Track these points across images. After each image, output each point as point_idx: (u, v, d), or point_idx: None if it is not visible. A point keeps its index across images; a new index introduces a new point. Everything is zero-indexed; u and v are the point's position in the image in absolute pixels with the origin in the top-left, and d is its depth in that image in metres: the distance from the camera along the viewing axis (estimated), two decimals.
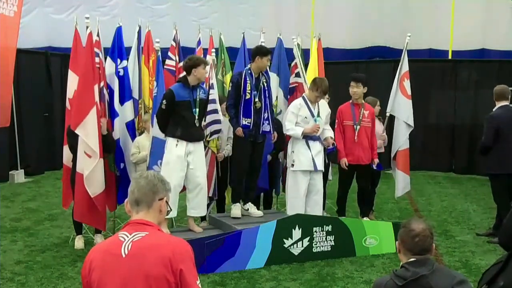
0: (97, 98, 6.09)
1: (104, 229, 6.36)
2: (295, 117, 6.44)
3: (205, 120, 6.50)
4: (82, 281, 2.31)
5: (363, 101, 6.98)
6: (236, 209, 6.45)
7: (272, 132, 6.47)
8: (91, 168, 5.96)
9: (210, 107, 6.46)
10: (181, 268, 2.18)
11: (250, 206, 6.57)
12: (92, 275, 2.23)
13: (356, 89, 6.87)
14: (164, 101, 5.82)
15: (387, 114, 7.45)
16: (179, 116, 5.84)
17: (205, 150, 6.51)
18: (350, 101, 6.97)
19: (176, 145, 5.85)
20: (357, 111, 6.89)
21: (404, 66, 7.44)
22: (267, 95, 6.37)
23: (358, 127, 6.87)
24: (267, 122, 6.37)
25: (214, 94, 6.58)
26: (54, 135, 11.04)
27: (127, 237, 2.24)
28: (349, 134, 6.88)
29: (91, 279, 2.23)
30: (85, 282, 2.28)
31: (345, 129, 6.91)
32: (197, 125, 5.93)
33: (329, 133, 6.65)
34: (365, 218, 7.01)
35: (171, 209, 2.46)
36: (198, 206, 6.10)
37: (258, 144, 6.40)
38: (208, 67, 7.37)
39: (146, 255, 2.18)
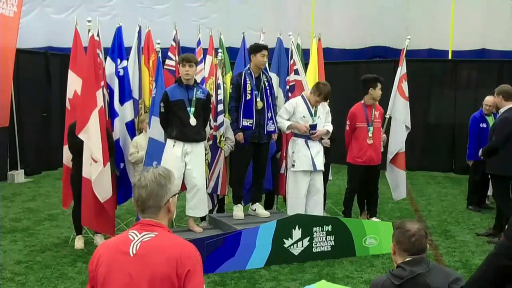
0: (100, 103, 6.08)
1: (113, 234, 6.21)
2: (288, 114, 6.47)
3: (216, 121, 6.52)
4: (89, 274, 2.33)
5: (374, 102, 7.04)
6: (238, 211, 6.45)
7: (276, 130, 6.46)
8: (97, 173, 5.94)
9: (218, 107, 6.52)
10: (187, 272, 2.17)
11: (258, 207, 6.57)
12: (99, 270, 2.25)
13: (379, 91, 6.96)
14: (162, 104, 5.90)
15: (387, 116, 7.46)
16: (174, 116, 5.86)
17: (218, 151, 6.57)
18: (362, 102, 7.00)
19: (173, 145, 5.88)
20: (369, 112, 6.94)
21: (403, 68, 7.47)
22: (268, 95, 6.36)
23: (371, 128, 6.92)
24: (271, 121, 6.37)
25: (221, 94, 6.60)
26: (53, 135, 11.03)
27: (137, 236, 2.25)
28: (362, 135, 6.92)
29: (97, 274, 2.25)
30: (91, 276, 2.30)
31: (358, 131, 6.94)
32: (193, 124, 5.88)
33: (326, 126, 6.59)
34: (373, 218, 7.05)
35: (179, 191, 2.47)
36: (196, 206, 6.09)
37: (262, 145, 6.39)
38: (208, 65, 7.41)
39: (153, 256, 2.18)
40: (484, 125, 8.10)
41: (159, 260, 2.17)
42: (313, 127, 6.47)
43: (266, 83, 6.37)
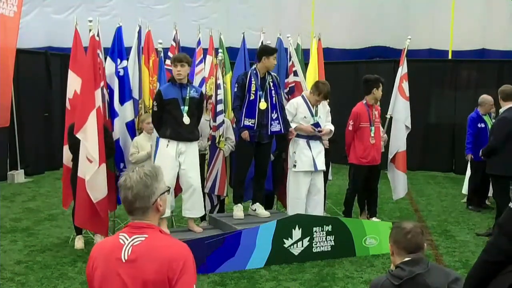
0: (98, 103, 6.07)
1: (106, 235, 6.22)
2: (290, 115, 6.48)
3: (215, 121, 6.52)
4: (87, 277, 2.34)
5: (376, 102, 7.09)
6: (238, 211, 6.44)
7: (283, 131, 6.39)
8: (92, 173, 5.93)
9: (218, 107, 6.51)
10: (179, 273, 2.16)
11: (258, 207, 6.56)
12: (95, 273, 2.25)
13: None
14: (154, 102, 5.90)
15: (388, 116, 7.47)
16: (168, 115, 5.85)
17: (217, 151, 6.57)
18: (364, 102, 7.01)
19: (167, 145, 5.86)
20: (371, 112, 6.96)
21: (404, 68, 7.48)
22: (273, 95, 6.34)
23: (373, 128, 6.94)
24: (276, 122, 6.33)
25: (221, 94, 6.59)
26: (54, 135, 11.03)
27: (127, 240, 2.23)
28: (366, 136, 6.93)
29: (94, 277, 2.27)
30: (89, 279, 2.31)
31: (361, 131, 6.95)
32: (187, 123, 5.87)
33: (327, 126, 6.64)
34: (373, 218, 7.05)
35: (169, 188, 2.41)
36: (192, 207, 6.09)
37: (263, 145, 6.38)
38: (208, 65, 7.41)
39: (144, 262, 2.18)
40: (482, 125, 8.12)
41: (151, 266, 2.16)
42: (315, 126, 6.48)
43: (271, 84, 6.35)
